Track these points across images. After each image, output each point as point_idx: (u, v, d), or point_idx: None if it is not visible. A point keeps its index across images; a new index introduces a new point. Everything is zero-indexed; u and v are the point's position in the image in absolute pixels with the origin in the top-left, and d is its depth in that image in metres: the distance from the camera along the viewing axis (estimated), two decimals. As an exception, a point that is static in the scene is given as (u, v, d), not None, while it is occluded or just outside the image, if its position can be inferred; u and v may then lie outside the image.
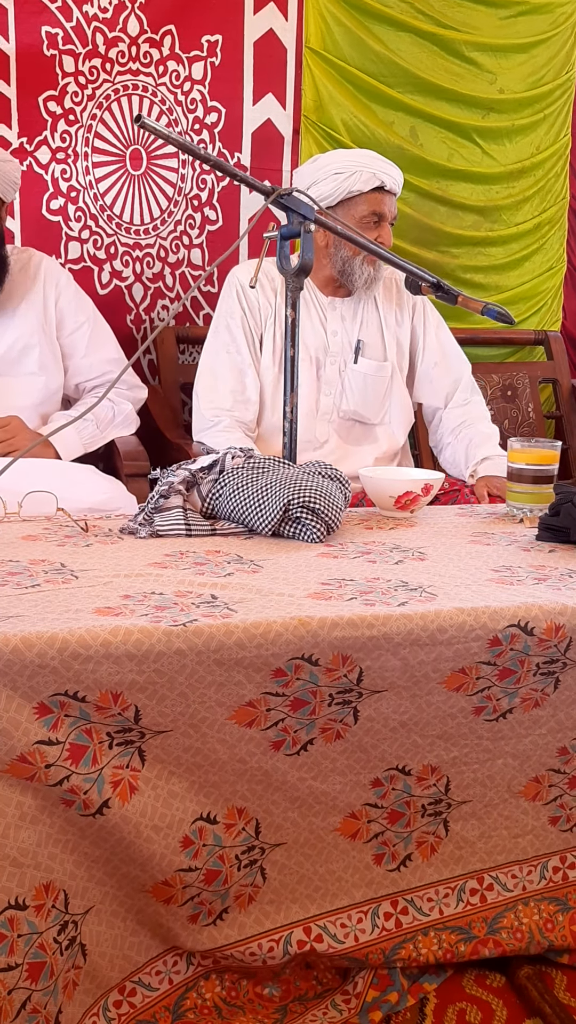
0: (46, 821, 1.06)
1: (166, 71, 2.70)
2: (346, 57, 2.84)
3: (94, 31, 2.61)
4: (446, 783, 1.24)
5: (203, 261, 2.83)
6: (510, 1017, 1.27)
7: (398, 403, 2.34)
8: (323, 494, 1.48)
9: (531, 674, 1.20)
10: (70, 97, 2.63)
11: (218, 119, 2.77)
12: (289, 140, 2.85)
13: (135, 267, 2.78)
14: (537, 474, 1.67)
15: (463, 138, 3.04)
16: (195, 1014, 1.23)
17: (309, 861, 1.22)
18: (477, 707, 1.20)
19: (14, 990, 1.05)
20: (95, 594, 1.17)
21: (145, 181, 2.75)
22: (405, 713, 1.17)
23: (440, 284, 2.09)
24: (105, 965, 1.17)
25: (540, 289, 3.21)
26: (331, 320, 2.28)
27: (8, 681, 1.00)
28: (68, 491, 1.68)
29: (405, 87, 2.93)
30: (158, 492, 1.55)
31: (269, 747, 1.13)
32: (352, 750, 1.18)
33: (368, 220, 2.21)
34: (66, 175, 2.68)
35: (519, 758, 1.26)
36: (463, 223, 3.09)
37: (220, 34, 2.71)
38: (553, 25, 3.08)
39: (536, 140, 3.14)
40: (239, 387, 2.22)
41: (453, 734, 1.21)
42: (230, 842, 1.15)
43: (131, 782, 1.07)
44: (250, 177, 1.69)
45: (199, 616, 1.09)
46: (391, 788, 1.22)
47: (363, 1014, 1.26)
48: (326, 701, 1.13)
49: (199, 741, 1.10)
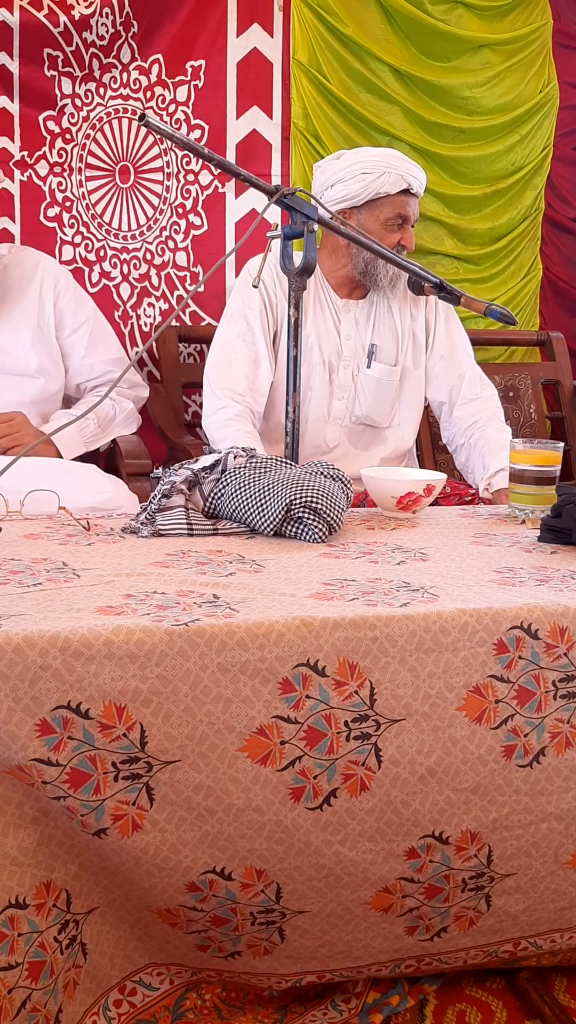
0: (49, 823, 1.06)
1: (153, 96, 2.83)
2: (328, 74, 2.93)
3: (91, 57, 2.74)
4: (488, 853, 1.17)
5: (188, 263, 2.92)
6: (510, 1019, 1.27)
7: (408, 404, 2.29)
8: (325, 494, 1.48)
9: (551, 696, 1.16)
10: (67, 117, 2.77)
11: (201, 135, 2.89)
12: (278, 146, 2.95)
13: (122, 268, 2.88)
14: (539, 475, 1.67)
15: (436, 162, 3.12)
16: (195, 1014, 1.23)
17: (335, 929, 1.17)
18: (506, 746, 1.15)
19: (14, 989, 1.05)
20: (97, 593, 1.16)
21: (133, 193, 2.87)
22: (431, 755, 1.12)
23: (443, 285, 2.09)
24: (106, 964, 1.17)
25: (516, 298, 3.26)
26: (345, 323, 2.25)
27: (10, 689, 0.99)
28: (70, 490, 1.68)
29: (382, 110, 3.03)
30: (160, 491, 1.55)
31: (288, 796, 1.09)
32: (381, 809, 1.12)
33: (393, 222, 2.18)
34: (62, 187, 2.81)
35: (564, 820, 1.19)
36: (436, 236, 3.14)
37: (203, 59, 2.85)
38: (524, 46, 3.15)
39: (512, 158, 3.21)
40: (252, 375, 2.17)
41: (488, 787, 1.15)
42: (245, 900, 1.12)
43: (136, 820, 1.04)
44: (253, 176, 1.68)
45: (201, 616, 1.08)
46: (428, 860, 1.15)
47: (363, 1015, 1.26)
48: (343, 733, 1.09)
49: (210, 778, 1.06)
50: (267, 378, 2.18)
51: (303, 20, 2.87)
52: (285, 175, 2.93)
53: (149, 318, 2.90)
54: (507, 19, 3.12)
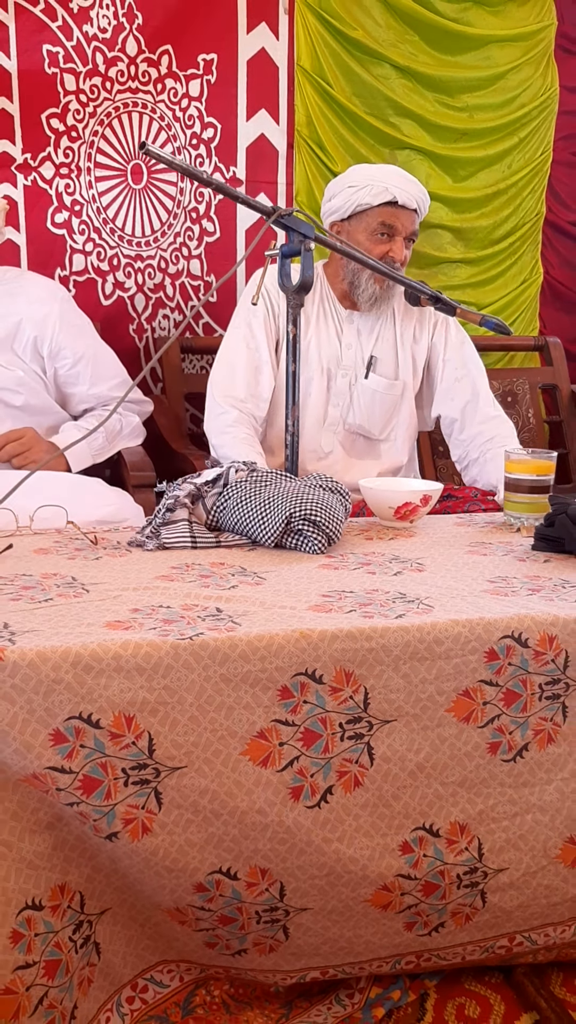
0: (63, 828, 1.11)
1: (164, 89, 2.77)
2: (331, 80, 2.95)
3: (94, 51, 2.69)
4: (478, 847, 1.23)
5: (202, 272, 2.90)
6: (507, 1012, 1.32)
7: (405, 421, 2.34)
8: (324, 507, 1.53)
9: (536, 698, 1.21)
10: (72, 114, 2.71)
11: (214, 134, 2.85)
12: (284, 154, 2.94)
13: (137, 278, 2.85)
14: (534, 484, 1.72)
15: (437, 163, 3.15)
16: (204, 1010, 1.29)
17: (337, 927, 1.23)
18: (491, 743, 1.21)
19: (32, 987, 1.10)
20: (105, 608, 1.21)
21: (146, 195, 2.82)
22: (420, 752, 1.18)
23: (439, 297, 2.14)
24: (118, 963, 1.22)
25: (516, 301, 3.31)
26: (347, 333, 2.30)
27: (25, 702, 1.04)
28: (77, 504, 1.73)
29: (385, 112, 3.05)
30: (164, 506, 1.60)
31: (288, 796, 1.14)
32: (374, 803, 1.18)
33: (377, 233, 2.21)
34: (69, 189, 2.75)
35: (547, 812, 1.25)
36: (441, 243, 3.19)
37: (215, 53, 2.79)
38: (527, 51, 3.17)
39: (510, 161, 3.24)
40: (254, 382, 2.23)
41: (474, 780, 1.21)
42: (251, 899, 1.17)
43: (145, 823, 1.10)
44: (251, 198, 1.73)
45: (205, 629, 1.13)
46: (422, 855, 1.21)
47: (366, 1009, 1.31)
48: (338, 734, 1.15)
49: (215, 782, 1.11)
50: (269, 384, 2.24)
51: (307, 25, 2.87)
52: (289, 183, 2.94)
53: (164, 330, 2.89)
54: (516, 14, 3.14)
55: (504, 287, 3.31)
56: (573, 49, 3.32)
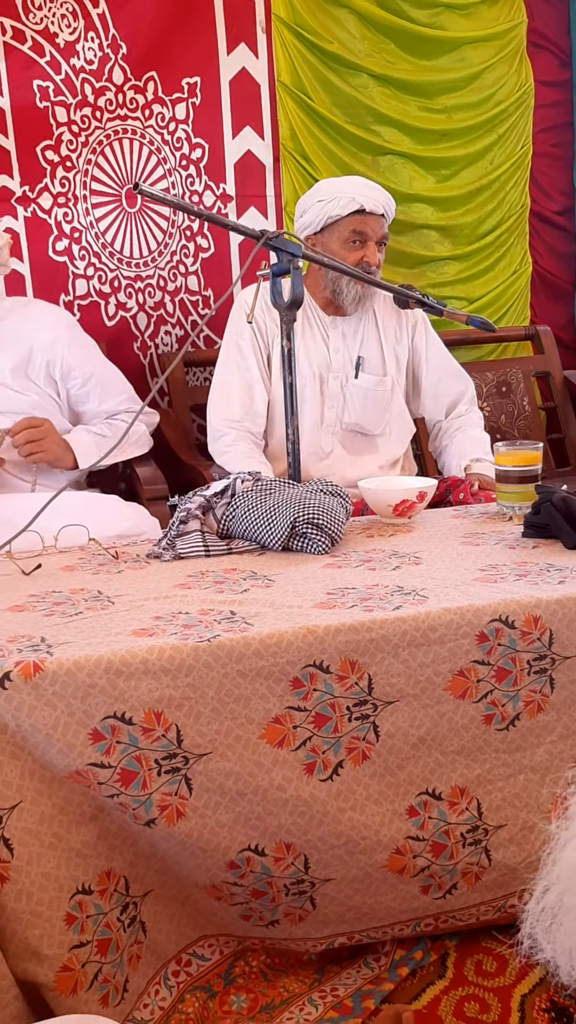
0: (105, 819, 1.23)
1: (152, 114, 2.90)
2: (311, 94, 3.05)
3: (82, 82, 2.81)
4: (477, 806, 1.35)
5: (199, 287, 3.03)
6: (522, 965, 1.43)
7: (398, 415, 2.49)
8: (326, 510, 1.64)
9: (525, 673, 1.33)
10: (65, 145, 2.83)
11: (202, 154, 2.97)
12: (270, 168, 3.05)
13: (138, 298, 2.98)
14: (522, 475, 1.82)
15: (420, 165, 3.25)
16: (244, 979, 1.40)
17: (359, 894, 1.34)
18: (486, 715, 1.33)
19: (87, 963, 1.22)
20: (130, 617, 1.33)
21: (141, 217, 2.95)
22: (421, 727, 1.30)
23: (425, 300, 2.25)
24: (163, 940, 1.34)
25: (507, 293, 3.40)
26: (333, 338, 2.43)
27: (65, 706, 1.16)
28: (97, 521, 1.85)
29: (365, 120, 3.15)
30: (178, 518, 1.72)
31: (303, 771, 1.26)
32: (381, 774, 1.29)
33: (349, 241, 2.34)
34: (68, 217, 2.88)
35: (538, 771, 1.37)
36: (428, 242, 3.28)
37: (198, 75, 2.91)
38: (499, 49, 3.26)
39: (492, 157, 3.33)
40: (248, 400, 2.38)
41: (471, 748, 1.33)
42: (279, 873, 1.29)
43: (179, 808, 1.22)
44: (241, 225, 1.85)
45: (221, 631, 1.25)
46: (427, 817, 1.32)
47: (392, 970, 1.43)
48: (345, 716, 1.27)
49: (238, 764, 1.23)
50: (263, 399, 2.39)
51: (284, 42, 2.98)
52: (278, 195, 3.05)
53: (167, 346, 3.02)
54: (487, 15, 3.23)
55: (494, 280, 3.40)
56: (544, 44, 3.42)
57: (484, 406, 3.15)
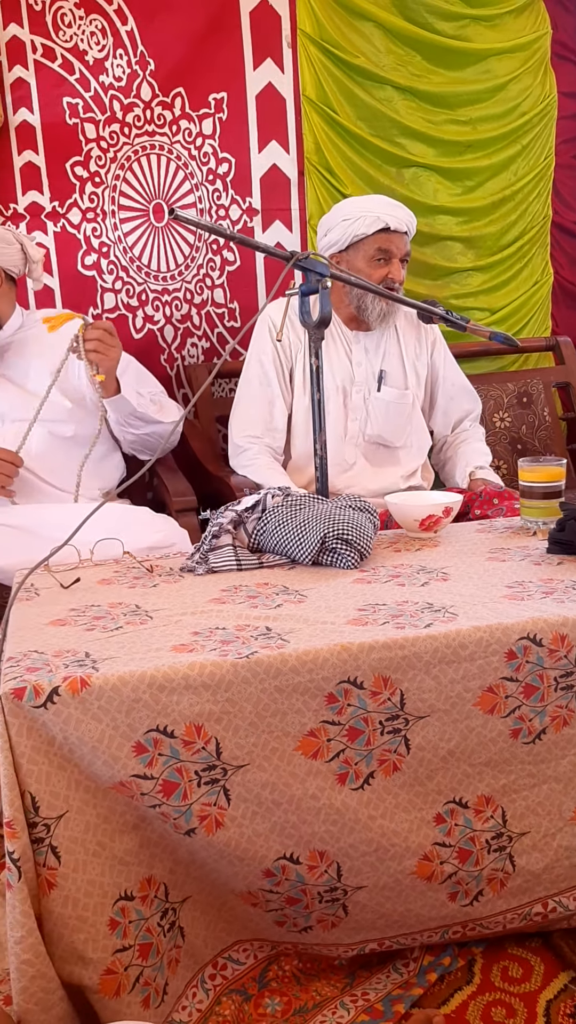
0: (146, 829, 1.28)
1: (179, 130, 2.94)
2: (336, 107, 3.08)
3: (111, 99, 2.87)
4: (502, 814, 1.40)
5: (225, 299, 3.07)
6: (546, 971, 1.47)
7: (417, 427, 2.57)
8: (355, 526, 1.69)
9: (552, 689, 1.37)
10: (94, 161, 2.89)
11: (229, 168, 3.01)
12: (295, 181, 3.09)
13: (165, 311, 3.03)
14: (546, 490, 1.86)
15: (445, 176, 3.27)
16: (278, 983, 1.45)
17: (389, 902, 1.38)
18: (513, 729, 1.37)
19: (129, 967, 1.27)
20: (169, 633, 1.38)
21: (168, 232, 2.99)
22: (451, 741, 1.34)
23: (449, 316, 2.29)
24: (200, 944, 1.39)
25: (528, 304, 3.42)
26: (356, 352, 2.50)
27: (110, 720, 1.22)
28: (129, 533, 1.90)
29: (390, 133, 3.17)
30: (210, 533, 1.77)
31: (336, 780, 1.30)
32: (411, 784, 1.34)
33: (375, 258, 2.41)
34: (97, 232, 2.93)
35: (561, 781, 1.41)
36: (451, 253, 3.31)
37: (225, 91, 2.95)
38: (525, 61, 3.29)
39: (515, 168, 3.36)
40: (268, 417, 2.46)
41: (498, 760, 1.37)
42: (312, 881, 1.33)
43: (218, 819, 1.27)
44: (271, 247, 1.90)
45: (258, 648, 1.30)
46: (454, 824, 1.37)
47: (421, 975, 1.47)
48: (378, 729, 1.31)
49: (274, 775, 1.28)
50: (283, 415, 2.47)
51: (309, 56, 3.01)
52: (302, 208, 3.08)
53: (193, 358, 3.07)
54: (513, 26, 3.25)
55: (516, 290, 3.43)
56: (568, 56, 3.44)
57: (505, 416, 3.18)
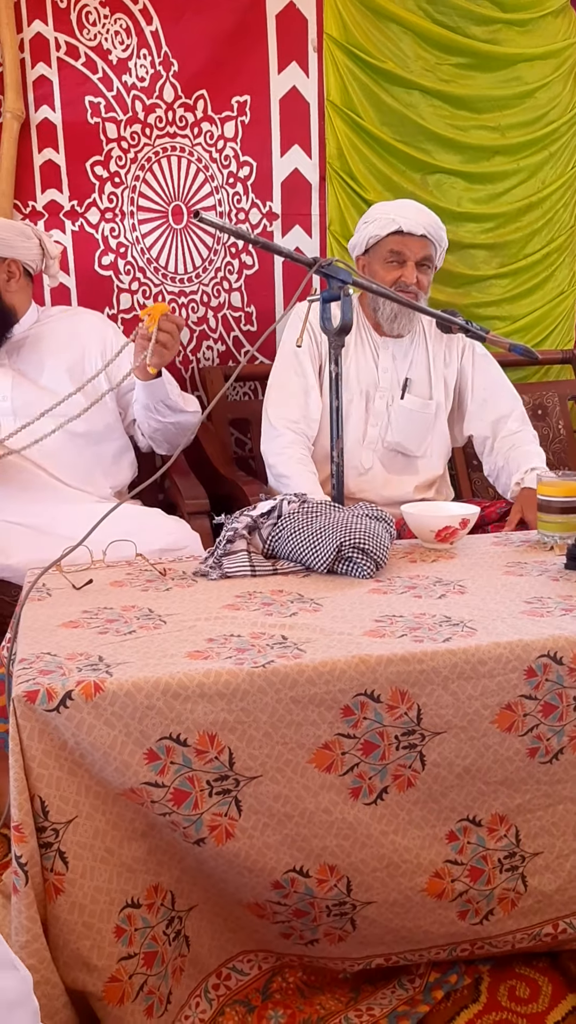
0: (155, 836, 1.27)
1: (200, 132, 2.94)
2: (360, 112, 3.05)
3: (133, 99, 2.86)
4: (516, 833, 1.38)
5: (242, 303, 3.06)
6: (554, 992, 1.45)
7: (439, 438, 2.53)
8: (371, 535, 1.67)
9: (571, 708, 1.35)
10: (114, 161, 2.88)
11: (250, 172, 3.00)
12: (316, 186, 3.07)
13: (181, 312, 3.01)
14: (564, 505, 1.84)
15: (471, 182, 3.25)
16: (281, 995, 1.43)
17: (398, 918, 1.36)
18: (531, 748, 1.35)
19: (134, 975, 1.26)
20: (183, 638, 1.36)
21: (186, 234, 2.99)
22: (467, 758, 1.32)
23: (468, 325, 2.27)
24: (205, 953, 1.37)
25: (552, 314, 3.40)
26: (383, 357, 2.49)
27: (123, 726, 1.20)
28: (141, 535, 1.89)
29: (416, 138, 3.14)
30: (225, 537, 1.75)
31: (349, 795, 1.29)
32: (424, 800, 1.32)
33: (389, 260, 2.41)
34: (115, 233, 2.93)
35: None
36: (474, 261, 3.29)
37: (248, 94, 2.94)
38: (556, 68, 3.26)
39: (542, 176, 3.33)
40: (304, 404, 2.43)
41: (514, 779, 1.35)
42: (322, 894, 1.31)
43: (228, 829, 1.25)
44: (293, 253, 1.88)
45: (275, 657, 1.28)
46: (467, 842, 1.35)
47: (427, 992, 1.45)
48: (393, 744, 1.30)
49: (287, 788, 1.26)
50: (317, 406, 2.43)
51: (335, 60, 2.99)
52: (323, 214, 3.07)
53: (208, 360, 3.06)
54: (547, 30, 3.22)
55: (540, 300, 3.38)
56: (598, 64, 3.41)
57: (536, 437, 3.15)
